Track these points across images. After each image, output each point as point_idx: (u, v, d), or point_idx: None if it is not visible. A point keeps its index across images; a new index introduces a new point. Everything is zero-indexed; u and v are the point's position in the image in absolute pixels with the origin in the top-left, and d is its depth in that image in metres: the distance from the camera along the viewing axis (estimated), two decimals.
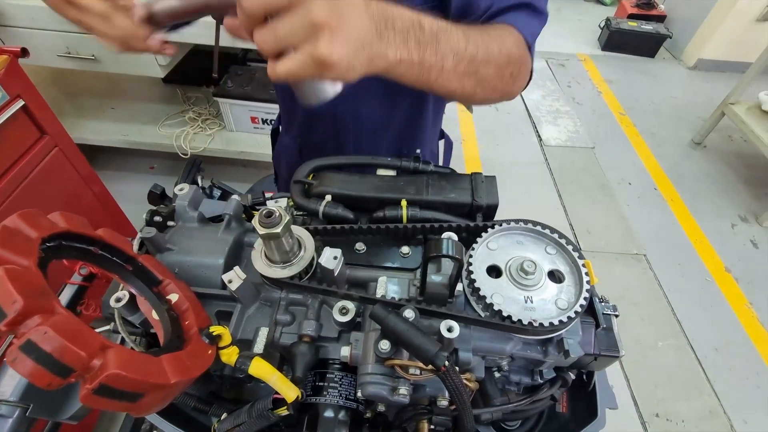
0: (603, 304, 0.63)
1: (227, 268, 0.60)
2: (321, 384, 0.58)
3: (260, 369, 0.51)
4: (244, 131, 2.82)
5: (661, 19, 4.50)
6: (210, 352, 0.49)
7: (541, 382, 0.64)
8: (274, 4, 0.41)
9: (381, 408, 0.59)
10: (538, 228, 0.59)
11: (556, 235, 0.59)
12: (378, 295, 0.59)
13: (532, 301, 0.55)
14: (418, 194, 0.67)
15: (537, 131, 3.52)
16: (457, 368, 0.48)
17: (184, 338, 0.49)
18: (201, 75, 3.09)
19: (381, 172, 0.74)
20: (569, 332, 0.57)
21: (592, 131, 3.53)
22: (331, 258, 0.57)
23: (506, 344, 0.56)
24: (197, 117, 2.95)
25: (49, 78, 3.00)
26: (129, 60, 2.28)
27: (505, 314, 0.52)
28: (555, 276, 0.58)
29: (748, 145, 3.30)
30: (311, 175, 0.73)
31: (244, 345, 0.58)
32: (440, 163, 1.23)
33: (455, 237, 0.59)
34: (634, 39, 4.33)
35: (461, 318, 0.53)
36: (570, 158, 3.29)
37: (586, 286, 0.54)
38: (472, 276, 0.55)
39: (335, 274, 0.57)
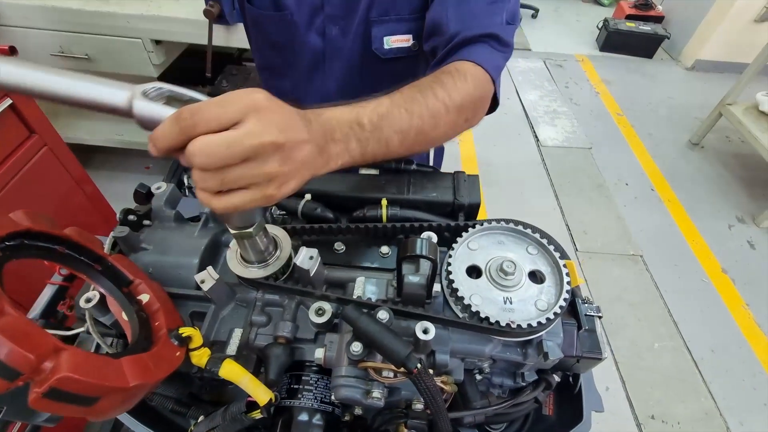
0: (586, 305, 0.62)
1: (202, 268, 0.59)
2: (296, 387, 0.57)
3: (231, 371, 0.50)
4: None
5: (659, 19, 4.49)
6: (178, 353, 0.48)
7: (524, 384, 0.63)
8: (228, 162, 0.39)
9: (359, 411, 0.57)
10: (520, 228, 0.58)
11: (537, 235, 0.58)
12: (355, 296, 0.58)
13: (511, 302, 0.53)
14: (399, 193, 0.66)
15: (534, 132, 3.50)
16: (431, 371, 0.47)
17: (153, 340, 0.48)
18: (197, 75, 3.08)
19: (363, 170, 0.72)
20: (550, 334, 0.55)
21: (590, 132, 3.51)
22: (306, 258, 0.55)
23: (485, 346, 0.55)
24: None
25: None
26: (122, 60, 2.27)
27: (482, 315, 0.51)
28: (536, 276, 0.56)
29: (746, 146, 3.29)
30: None
31: (218, 347, 0.57)
32: (431, 164, 1.22)
33: (434, 237, 0.58)
34: (632, 40, 4.31)
35: (437, 319, 0.52)
36: (567, 159, 3.27)
37: (566, 287, 0.53)
38: (451, 276, 0.54)
39: (311, 275, 0.56)
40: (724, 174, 3.19)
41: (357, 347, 0.47)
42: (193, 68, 2.61)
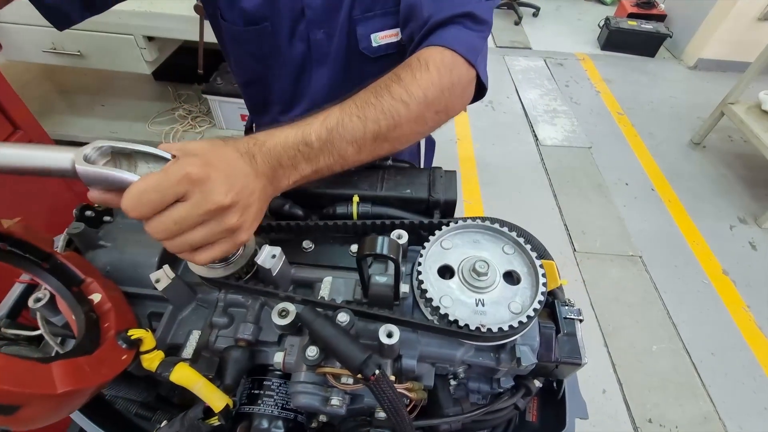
0: (566, 308, 0.58)
1: (162, 266, 0.56)
2: (257, 392, 0.54)
3: (183, 376, 0.47)
4: (234, 129, 2.79)
5: (661, 18, 4.44)
6: (125, 357, 0.45)
7: (501, 390, 0.60)
8: (185, 229, 0.42)
9: (324, 418, 0.55)
10: (495, 226, 0.55)
11: (514, 234, 0.54)
12: (321, 297, 0.55)
13: (483, 305, 0.50)
14: (372, 189, 0.63)
15: (533, 131, 3.46)
16: (393, 378, 0.44)
17: (99, 342, 0.45)
18: (192, 72, 3.07)
19: None
20: (525, 338, 0.52)
21: (590, 131, 3.47)
22: (268, 257, 0.53)
23: (456, 351, 0.52)
24: (187, 114, 2.93)
25: (40, 74, 2.98)
26: (114, 56, 2.25)
27: (452, 318, 0.48)
28: (512, 277, 0.53)
29: (748, 146, 3.24)
30: None
31: (177, 350, 0.54)
32: (421, 163, 1.19)
33: (405, 235, 0.55)
34: (633, 38, 4.27)
35: (403, 322, 0.49)
36: (566, 158, 3.24)
37: (542, 289, 0.50)
38: (421, 277, 0.51)
39: (274, 274, 0.53)
40: (726, 174, 3.14)
41: (313, 352, 0.44)
42: (188, 65, 2.59)
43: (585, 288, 2.45)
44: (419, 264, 0.52)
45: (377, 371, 0.41)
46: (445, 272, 0.54)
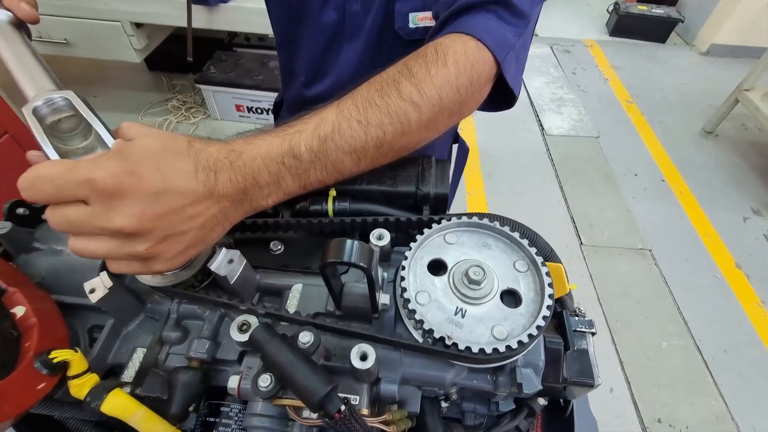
0: (576, 319, 0.50)
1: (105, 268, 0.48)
2: (212, 420, 0.46)
3: (117, 405, 0.39)
4: (229, 120, 2.70)
5: (672, 2, 4.28)
6: (42, 385, 0.38)
7: (501, 412, 0.52)
8: (87, 234, 0.37)
9: None
10: (515, 235, 0.45)
11: (534, 250, 0.45)
12: (288, 308, 0.47)
13: (463, 316, 0.42)
14: (351, 182, 0.54)
15: (539, 120, 3.36)
16: (365, 412, 0.36)
17: (15, 365, 0.38)
18: (185, 61, 2.99)
19: None
20: (529, 357, 0.44)
21: (598, 120, 3.36)
22: (224, 262, 0.45)
23: (446, 372, 0.44)
24: (181, 105, 2.85)
25: None
26: (102, 44, 2.16)
27: (418, 317, 0.40)
28: (514, 298, 0.44)
29: (763, 134, 3.12)
30: None
31: (119, 371, 0.46)
32: (451, 171, 1.09)
33: (387, 236, 0.47)
34: (643, 23, 4.11)
35: (380, 340, 0.41)
36: (573, 148, 3.13)
37: (543, 313, 0.41)
38: (404, 284, 0.43)
39: (231, 282, 0.45)
40: (740, 163, 3.02)
41: (266, 381, 0.36)
42: (182, 54, 2.51)
43: (592, 282, 2.36)
44: (402, 268, 0.44)
45: (343, 407, 0.33)
46: (438, 268, 0.46)
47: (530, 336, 0.38)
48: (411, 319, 0.41)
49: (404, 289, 0.40)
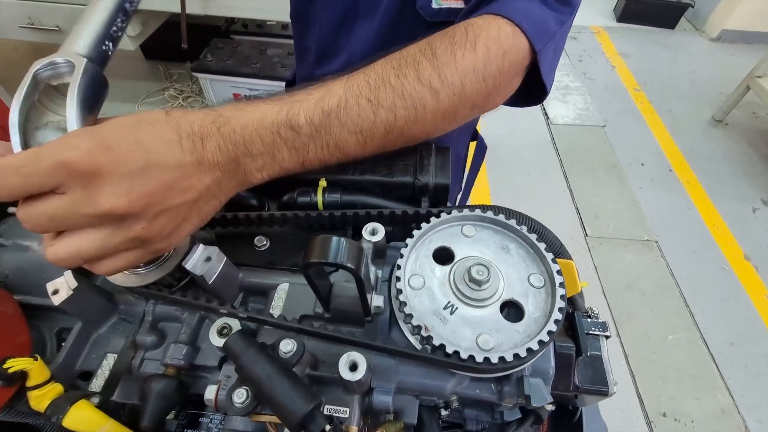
0: (589, 320, 0.46)
1: (74, 269, 0.44)
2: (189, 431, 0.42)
3: (81, 419, 0.35)
4: None
5: None
6: None
7: (506, 422, 0.48)
8: (69, 228, 0.32)
9: None
10: (541, 247, 0.41)
11: (556, 268, 0.40)
12: (273, 310, 0.43)
13: (452, 313, 0.38)
14: (343, 172, 0.50)
15: (544, 109, 3.29)
16: (354, 430, 0.32)
17: None
18: (183, 49, 2.93)
19: None
20: (538, 365, 0.40)
21: (604, 108, 3.29)
22: (200, 260, 0.40)
23: (446, 382, 0.39)
24: (178, 94, 2.79)
25: (28, 52, 2.86)
26: None
27: (402, 299, 0.36)
28: (516, 311, 0.40)
29: None
30: None
31: (89, 378, 0.42)
32: (466, 170, 1.00)
33: (381, 230, 0.42)
34: (652, 9, 4.00)
35: (373, 347, 0.37)
36: (579, 137, 3.07)
37: (556, 315, 0.37)
38: (399, 285, 0.38)
39: (209, 282, 0.41)
40: (750, 153, 2.95)
41: (241, 397, 0.32)
42: (177, 43, 2.45)
43: (597, 275, 2.32)
44: (398, 268, 0.40)
45: (328, 427, 0.29)
46: (444, 258, 0.42)
47: (529, 350, 0.34)
48: (408, 324, 0.37)
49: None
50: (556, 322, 0.35)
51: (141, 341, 0.43)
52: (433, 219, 0.42)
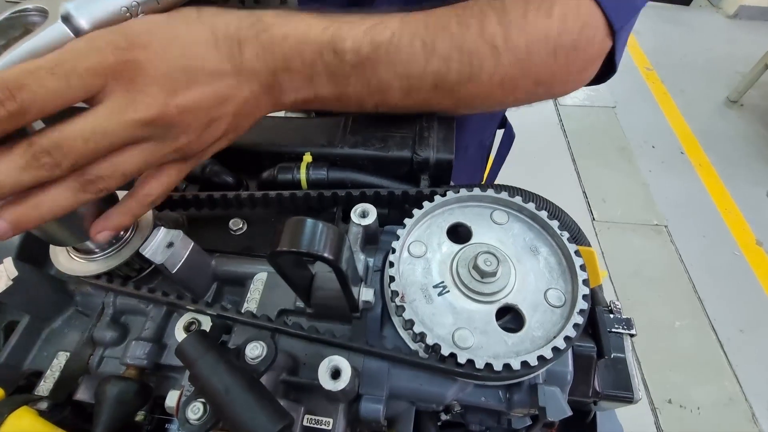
0: (612, 316, 0.40)
1: (23, 255, 0.39)
2: None
3: (21, 430, 0.30)
4: None
5: None
6: None
7: (514, 429, 0.43)
8: (97, 155, 0.27)
9: None
10: (564, 236, 0.34)
11: (580, 262, 0.33)
12: (249, 302, 0.37)
13: (441, 294, 0.32)
14: (331, 145, 0.43)
15: None
16: None
17: None
18: None
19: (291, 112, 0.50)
20: (554, 368, 0.34)
21: (614, 89, 3.18)
22: (161, 246, 0.34)
23: (447, 388, 0.34)
24: None
25: None
26: None
27: (390, 273, 0.32)
28: (512, 320, 0.34)
29: None
30: None
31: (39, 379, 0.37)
32: (491, 158, 0.92)
33: (372, 213, 0.36)
34: None
35: (358, 350, 0.31)
36: (587, 119, 2.98)
37: (576, 318, 0.31)
38: (392, 272, 0.33)
39: (173, 272, 0.35)
40: (766, 135, 2.85)
41: (197, 412, 0.26)
42: None
43: (603, 260, 2.26)
44: (392, 251, 0.34)
45: None
46: (460, 238, 0.36)
47: (567, 338, 0.28)
48: (399, 316, 0.31)
49: (402, 306, 0.30)
50: (567, 339, 0.29)
51: (100, 337, 0.38)
52: (463, 191, 0.36)
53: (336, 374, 0.29)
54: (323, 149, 0.43)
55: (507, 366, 0.29)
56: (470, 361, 0.29)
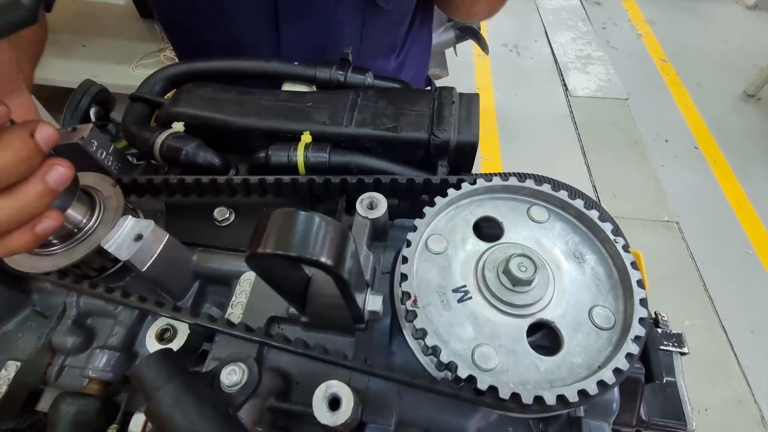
0: (659, 330, 0.34)
1: None
2: None
3: None
4: None
5: None
6: None
7: None
8: None
9: None
10: (620, 242, 0.28)
11: (638, 275, 0.27)
12: (233, 308, 0.31)
13: (460, 300, 0.26)
14: (335, 123, 0.37)
15: (563, 79, 3.10)
16: None
17: None
18: None
19: (288, 86, 0.43)
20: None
21: (628, 80, 3.09)
22: (127, 240, 0.28)
23: (467, 418, 0.28)
24: (175, 57, 2.63)
25: None
26: None
27: (405, 253, 0.27)
28: (552, 343, 0.28)
29: None
30: (167, 91, 0.43)
31: None
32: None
33: (382, 204, 0.30)
34: None
35: (365, 372, 0.25)
36: (599, 111, 2.90)
37: (629, 347, 0.25)
38: (404, 268, 0.27)
39: (143, 270, 0.29)
40: None
41: None
42: None
43: None
44: (404, 260, 0.28)
45: None
46: (488, 235, 0.30)
47: (583, 393, 0.22)
48: (410, 322, 0.25)
49: (422, 330, 0.24)
50: (617, 372, 0.23)
51: (60, 343, 0.32)
52: (497, 179, 0.30)
53: (334, 404, 0.23)
54: (325, 127, 0.37)
55: (539, 399, 0.23)
56: (493, 389, 0.23)
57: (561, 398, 0.23)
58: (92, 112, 0.59)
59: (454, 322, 0.27)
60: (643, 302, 0.25)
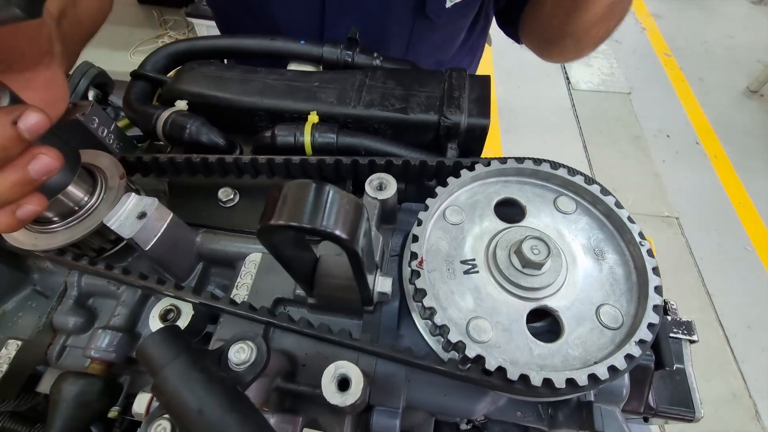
0: (669, 318, 0.33)
1: None
2: None
3: None
4: None
5: None
6: None
7: None
8: None
9: None
10: (645, 247, 0.27)
11: (657, 281, 0.27)
12: (239, 288, 0.31)
13: (466, 272, 0.26)
14: (342, 104, 0.36)
15: (565, 73, 3.08)
16: None
17: None
18: None
19: (294, 66, 0.42)
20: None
21: (630, 74, 3.07)
22: (130, 217, 0.28)
23: (476, 402, 0.28)
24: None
25: None
26: None
27: (412, 248, 0.26)
28: (553, 328, 0.27)
29: None
30: (169, 70, 0.42)
31: None
32: None
33: (391, 184, 0.30)
34: None
35: (374, 353, 0.25)
36: (601, 105, 2.88)
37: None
38: (417, 230, 0.26)
39: (146, 249, 0.28)
40: None
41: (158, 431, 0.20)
42: None
43: None
44: (414, 239, 0.27)
45: None
46: (508, 216, 0.30)
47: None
48: (412, 284, 0.25)
49: (431, 308, 0.24)
50: (612, 369, 0.23)
51: (61, 323, 0.32)
52: (528, 162, 0.30)
53: (344, 384, 0.22)
54: (333, 108, 0.36)
55: (524, 378, 0.22)
56: (480, 358, 0.23)
57: (547, 381, 0.22)
58: (91, 95, 0.58)
59: (456, 291, 0.27)
60: (657, 309, 0.24)
